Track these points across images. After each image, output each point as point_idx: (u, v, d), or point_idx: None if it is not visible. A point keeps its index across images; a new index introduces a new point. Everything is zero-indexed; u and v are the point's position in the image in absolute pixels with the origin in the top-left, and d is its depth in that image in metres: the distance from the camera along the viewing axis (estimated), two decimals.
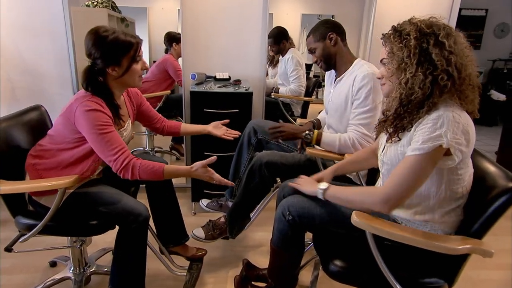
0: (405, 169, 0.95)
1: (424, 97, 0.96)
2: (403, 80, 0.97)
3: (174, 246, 1.62)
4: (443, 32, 0.95)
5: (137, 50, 1.28)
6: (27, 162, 1.33)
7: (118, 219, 1.30)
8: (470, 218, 1.04)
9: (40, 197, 1.31)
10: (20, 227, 1.33)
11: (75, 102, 1.22)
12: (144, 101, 1.58)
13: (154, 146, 2.96)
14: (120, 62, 1.26)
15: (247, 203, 1.70)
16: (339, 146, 1.53)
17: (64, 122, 1.26)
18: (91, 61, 1.27)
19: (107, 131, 1.22)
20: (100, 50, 1.23)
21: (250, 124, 1.84)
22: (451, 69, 0.94)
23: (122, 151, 1.24)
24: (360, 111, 1.51)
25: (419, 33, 0.96)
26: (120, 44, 1.24)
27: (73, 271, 1.59)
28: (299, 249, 1.25)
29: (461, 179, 1.02)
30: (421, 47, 0.95)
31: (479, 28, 5.96)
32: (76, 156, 1.30)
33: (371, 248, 1.01)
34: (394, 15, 2.51)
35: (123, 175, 1.25)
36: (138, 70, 1.31)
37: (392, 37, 1.01)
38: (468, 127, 0.95)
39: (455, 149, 0.93)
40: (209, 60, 2.45)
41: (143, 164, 1.25)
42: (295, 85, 2.57)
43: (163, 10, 2.81)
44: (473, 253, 0.96)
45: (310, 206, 1.17)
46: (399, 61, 0.98)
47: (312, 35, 1.63)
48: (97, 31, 1.24)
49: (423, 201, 1.05)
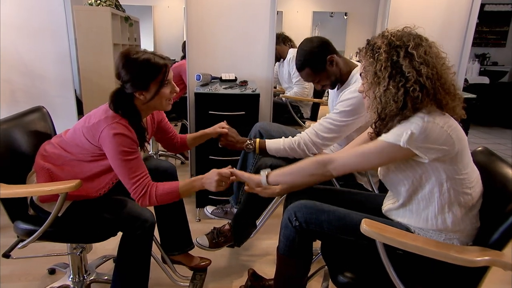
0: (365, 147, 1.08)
1: (398, 110, 1.01)
2: (378, 94, 1.04)
3: (178, 254, 1.63)
4: (412, 43, 1.00)
5: (166, 73, 1.29)
6: (38, 164, 1.34)
7: (123, 225, 1.32)
8: (489, 228, 1.02)
9: (46, 203, 1.32)
10: (19, 233, 1.35)
11: (104, 121, 1.24)
12: (164, 116, 1.60)
13: (158, 150, 3.00)
14: (148, 87, 1.28)
15: (252, 209, 1.70)
16: (286, 150, 1.56)
17: (87, 136, 1.28)
18: (120, 84, 1.30)
19: (131, 157, 1.25)
20: (129, 73, 1.26)
21: (256, 127, 1.84)
22: (422, 80, 0.98)
23: (142, 179, 1.27)
24: (329, 115, 1.55)
25: (389, 46, 1.02)
26: (149, 68, 1.26)
27: (72, 279, 1.61)
28: (307, 257, 1.25)
29: (467, 179, 1.03)
30: (392, 60, 1.01)
31: (504, 25, 5.87)
32: (94, 171, 1.32)
33: (382, 258, 1.00)
34: (410, 11, 2.50)
35: (141, 203, 1.29)
36: (167, 94, 1.32)
37: (365, 51, 1.07)
38: (451, 131, 0.98)
39: (420, 151, 0.98)
40: (214, 60, 2.46)
41: (159, 188, 1.29)
42: (298, 88, 2.58)
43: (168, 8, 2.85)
44: (492, 266, 0.94)
45: (318, 211, 1.17)
46: (373, 75, 1.04)
47: (307, 69, 1.58)
48: (128, 53, 1.26)
49: (430, 204, 1.06)
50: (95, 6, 2.66)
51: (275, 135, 1.75)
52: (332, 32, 3.06)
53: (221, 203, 2.03)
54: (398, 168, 1.09)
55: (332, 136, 1.54)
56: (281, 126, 1.87)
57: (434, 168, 1.02)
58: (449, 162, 1.01)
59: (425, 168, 1.03)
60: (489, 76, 5.35)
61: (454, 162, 1.01)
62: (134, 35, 3.09)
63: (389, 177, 1.14)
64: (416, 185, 1.08)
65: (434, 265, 1.01)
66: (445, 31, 2.56)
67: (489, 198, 1.08)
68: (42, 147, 1.40)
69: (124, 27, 2.91)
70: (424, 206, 1.08)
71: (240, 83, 2.32)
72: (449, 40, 2.59)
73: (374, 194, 1.43)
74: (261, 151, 1.61)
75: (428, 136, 0.97)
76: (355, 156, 1.11)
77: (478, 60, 5.63)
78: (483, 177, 1.11)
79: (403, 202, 1.13)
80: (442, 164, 1.01)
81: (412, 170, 1.06)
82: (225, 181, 1.32)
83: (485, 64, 5.86)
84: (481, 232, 1.06)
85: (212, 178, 1.31)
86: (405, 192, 1.10)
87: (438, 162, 1.01)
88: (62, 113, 2.37)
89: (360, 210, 1.20)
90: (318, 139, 1.55)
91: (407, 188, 1.09)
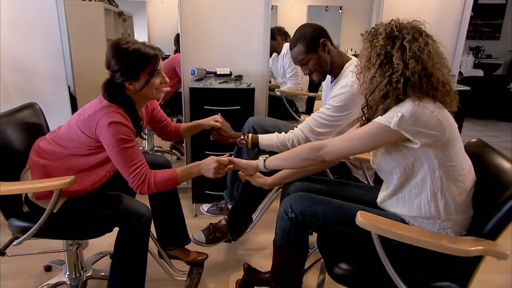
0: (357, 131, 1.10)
1: (380, 99, 1.05)
2: (366, 80, 1.08)
3: (175, 248, 1.63)
4: (409, 37, 1.02)
5: (156, 64, 1.29)
6: (32, 161, 1.34)
7: (119, 221, 1.31)
8: (483, 218, 1.03)
9: (42, 200, 1.31)
10: (13, 230, 1.34)
11: (100, 111, 1.24)
12: (156, 105, 1.61)
13: (153, 146, 2.99)
14: (138, 77, 1.28)
15: (248, 203, 1.70)
16: (278, 146, 1.56)
17: (82, 128, 1.27)
18: (110, 74, 1.30)
19: (129, 145, 1.25)
20: (119, 63, 1.25)
21: (249, 122, 1.83)
22: (408, 73, 1.00)
23: (140, 167, 1.27)
24: (321, 110, 1.55)
25: (387, 35, 1.04)
26: (139, 58, 1.26)
27: (68, 275, 1.60)
28: (303, 249, 1.26)
29: (458, 166, 1.05)
30: (386, 49, 1.04)
31: (499, 17, 5.89)
32: (91, 163, 1.32)
33: (377, 250, 1.00)
34: (405, 4, 2.50)
35: (140, 191, 1.29)
36: (157, 84, 1.32)
37: (367, 35, 1.10)
38: (441, 117, 1.00)
39: (410, 134, 0.99)
40: (209, 54, 2.45)
41: (157, 175, 1.29)
42: (292, 83, 2.58)
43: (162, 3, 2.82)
44: (486, 255, 0.95)
45: (314, 203, 1.18)
46: (366, 59, 1.08)
47: (300, 45, 1.54)
48: (118, 43, 1.26)
49: (422, 192, 1.08)
50: (87, 1, 2.62)
51: (269, 130, 1.74)
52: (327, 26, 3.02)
53: (217, 198, 2.03)
54: (390, 155, 1.10)
55: (326, 131, 1.55)
56: (276, 120, 1.86)
57: (426, 154, 1.03)
58: (440, 149, 1.02)
59: (417, 155, 1.05)
60: (483, 69, 5.38)
61: (445, 149, 1.02)
62: (128, 30, 3.06)
63: (381, 165, 1.16)
64: (408, 172, 1.09)
65: (428, 255, 1.02)
66: (439, 24, 2.56)
67: (483, 188, 1.09)
68: (36, 144, 1.39)
69: (117, 22, 2.88)
70: (417, 193, 1.09)
71: (235, 78, 2.31)
72: (443, 33, 2.59)
73: (371, 187, 1.44)
74: (253, 146, 1.61)
75: (418, 119, 0.98)
76: (347, 139, 1.13)
77: (472, 53, 5.65)
78: (477, 168, 1.12)
79: (395, 189, 1.14)
80: (434, 151, 1.02)
81: (404, 157, 1.07)
82: (223, 168, 1.34)
83: (479, 57, 5.88)
84: (475, 222, 1.07)
85: (210, 165, 1.32)
86: (397, 180, 1.12)
87: (429, 148, 1.02)
88: (55, 110, 2.35)
89: (357, 203, 1.21)
90: (313, 134, 1.55)
91: (399, 176, 1.11)
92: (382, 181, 1.29)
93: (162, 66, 1.33)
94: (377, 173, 1.26)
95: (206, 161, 1.34)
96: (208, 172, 1.33)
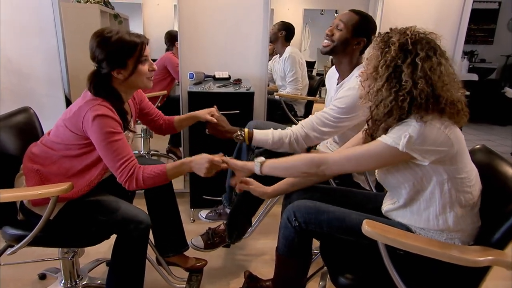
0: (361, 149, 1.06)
1: (384, 116, 1.02)
2: (372, 91, 1.04)
3: (173, 255, 1.61)
4: (422, 54, 0.97)
5: (142, 50, 1.27)
6: (26, 167, 1.31)
7: (118, 228, 1.28)
8: (490, 227, 1.02)
9: (37, 207, 1.27)
10: (7, 239, 1.31)
11: (85, 105, 1.21)
12: (144, 97, 1.58)
13: (150, 149, 2.95)
14: (125, 64, 1.26)
15: (247, 206, 1.67)
16: (272, 143, 1.54)
17: (70, 127, 1.25)
18: (96, 65, 1.27)
19: (116, 138, 1.22)
20: (104, 51, 1.23)
21: (250, 125, 1.81)
22: (415, 93, 0.96)
23: (128, 161, 1.24)
24: (326, 110, 1.53)
25: (400, 47, 0.99)
26: (125, 45, 1.24)
27: (64, 284, 1.57)
28: (306, 257, 1.24)
29: (467, 178, 1.03)
30: (396, 62, 0.99)
31: (492, 22, 5.95)
32: (84, 164, 1.29)
33: (384, 259, 0.98)
34: (402, 9, 2.50)
35: (128, 186, 1.25)
36: (145, 71, 1.30)
37: (380, 39, 1.04)
38: (448, 132, 0.98)
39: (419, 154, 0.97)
40: (207, 58, 2.43)
41: (146, 171, 1.25)
42: (291, 88, 2.57)
43: (158, 6, 2.80)
44: (495, 266, 0.94)
45: (318, 211, 1.16)
46: (373, 68, 1.03)
47: (357, 18, 1.50)
48: (102, 32, 1.24)
49: (431, 205, 1.06)
50: (83, 3, 2.59)
51: None
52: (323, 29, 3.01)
53: (216, 204, 2.01)
54: (398, 171, 1.08)
55: (328, 130, 1.52)
56: (276, 124, 1.84)
57: (435, 169, 1.01)
58: (449, 163, 1.00)
59: (426, 169, 1.02)
60: (478, 73, 5.42)
61: (454, 162, 1.00)
62: None
63: (389, 180, 1.13)
64: (417, 187, 1.07)
65: (435, 265, 1.01)
66: (437, 29, 2.54)
67: (489, 197, 1.08)
68: (29, 150, 1.36)
69: (113, 24, 2.85)
70: (425, 206, 1.07)
71: (234, 82, 2.29)
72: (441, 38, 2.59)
73: (374, 194, 1.42)
74: (250, 141, 1.57)
75: (426, 139, 0.96)
76: (350, 158, 1.08)
77: (466, 57, 5.70)
78: (482, 176, 1.11)
79: (404, 203, 1.12)
80: (443, 165, 1.00)
81: (412, 172, 1.05)
82: (215, 168, 1.30)
83: (473, 61, 5.94)
84: (482, 231, 1.06)
85: (203, 164, 1.27)
86: (406, 194, 1.09)
87: (438, 164, 1.00)
88: (50, 113, 2.30)
89: (360, 210, 1.19)
90: (315, 132, 1.52)
91: (408, 191, 1.08)
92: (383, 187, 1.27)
93: (149, 53, 1.31)
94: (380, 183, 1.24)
95: (198, 159, 1.29)
96: (200, 171, 1.28)
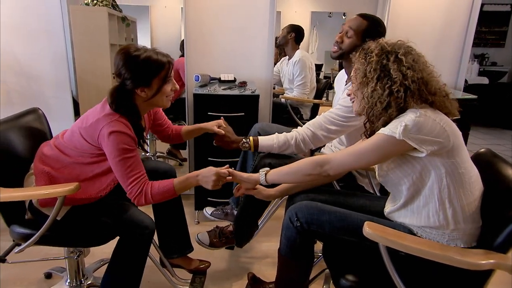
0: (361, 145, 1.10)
1: (383, 111, 1.08)
2: (366, 95, 1.11)
3: (177, 257, 1.62)
4: (402, 51, 1.08)
5: (169, 70, 1.29)
6: (37, 167, 1.33)
7: (122, 231, 1.30)
8: (493, 230, 1.01)
9: (45, 207, 1.30)
10: (15, 237, 1.33)
11: (102, 119, 1.23)
12: (158, 108, 1.59)
13: (156, 151, 2.98)
14: (150, 84, 1.27)
15: (254, 209, 1.68)
16: (279, 147, 1.55)
17: (85, 137, 1.27)
18: (120, 81, 1.28)
19: (130, 155, 1.24)
20: (130, 70, 1.24)
21: (256, 128, 1.83)
22: (407, 83, 1.05)
23: (139, 178, 1.26)
24: (332, 110, 1.54)
25: (381, 51, 1.09)
26: (152, 64, 1.25)
27: (69, 283, 1.59)
28: (309, 259, 1.25)
29: (465, 174, 1.04)
30: (382, 63, 1.08)
31: (503, 25, 5.89)
32: (95, 172, 1.31)
33: (385, 262, 0.99)
34: (409, 12, 2.50)
35: (137, 203, 1.27)
36: (168, 91, 1.32)
37: (358, 54, 1.15)
38: (444, 124, 1.02)
39: (415, 143, 1.00)
40: (213, 61, 2.45)
41: (154, 187, 1.27)
42: (298, 92, 2.57)
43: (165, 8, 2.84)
44: (498, 269, 0.93)
45: (320, 212, 1.17)
46: (362, 76, 1.11)
47: (366, 23, 1.53)
48: (128, 50, 1.25)
49: (430, 201, 1.07)
50: (91, 6, 2.64)
51: None
52: (331, 32, 3.05)
53: (221, 204, 2.01)
54: (397, 166, 1.10)
55: (336, 129, 1.53)
56: (281, 127, 1.85)
57: (433, 162, 1.03)
58: (446, 156, 1.02)
59: (424, 163, 1.04)
60: (488, 77, 5.37)
61: (452, 156, 1.02)
62: (131, 35, 3.07)
63: (389, 177, 1.14)
64: (416, 183, 1.08)
65: (437, 268, 1.01)
66: (445, 31, 2.56)
67: (492, 199, 1.07)
68: (40, 150, 1.38)
69: (121, 27, 2.89)
70: (425, 203, 1.09)
71: (239, 84, 2.31)
72: (449, 40, 2.59)
73: (377, 197, 1.42)
74: (256, 148, 1.59)
75: (422, 128, 1.00)
76: (352, 154, 1.12)
77: (477, 60, 5.65)
78: (485, 178, 1.11)
79: (405, 201, 1.13)
80: (440, 158, 1.02)
81: (411, 166, 1.07)
82: (222, 180, 1.32)
83: (484, 64, 5.88)
84: (485, 234, 1.06)
85: (210, 177, 1.29)
86: (406, 190, 1.10)
87: (435, 156, 1.02)
88: (58, 115, 2.35)
89: (363, 213, 1.20)
90: (322, 130, 1.53)
91: (408, 187, 1.10)
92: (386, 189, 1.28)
93: (173, 73, 1.33)
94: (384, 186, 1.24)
95: (205, 172, 1.31)
96: (207, 184, 1.30)
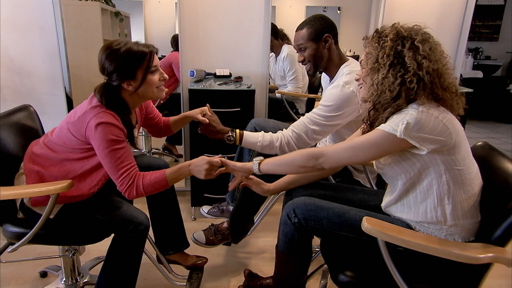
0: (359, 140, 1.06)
1: (391, 100, 1.03)
2: (375, 81, 1.05)
3: (174, 253, 1.61)
4: (419, 37, 1.02)
5: (150, 60, 1.27)
6: (27, 167, 1.31)
7: (116, 228, 1.29)
8: (491, 224, 1.01)
9: (37, 207, 1.28)
10: (8, 236, 1.32)
11: (89, 112, 1.21)
12: (149, 102, 1.58)
13: (151, 147, 2.96)
14: (134, 76, 1.26)
15: (250, 205, 1.68)
16: (262, 147, 1.52)
17: (73, 132, 1.25)
18: (106, 78, 1.27)
19: (119, 147, 1.22)
20: (113, 64, 1.23)
21: (252, 123, 1.82)
22: (421, 73, 0.99)
23: (129, 170, 1.24)
24: (314, 110, 1.52)
25: (396, 36, 1.03)
26: (133, 56, 1.24)
27: (65, 281, 1.58)
28: (306, 255, 1.24)
29: (465, 171, 1.03)
30: (396, 49, 1.02)
31: (497, 18, 5.89)
32: (85, 168, 1.29)
33: (384, 257, 0.98)
34: (405, 5, 2.49)
35: (128, 195, 1.25)
36: (155, 81, 1.29)
37: (372, 38, 1.09)
38: (447, 122, 0.99)
39: (417, 141, 0.97)
40: (208, 56, 2.43)
41: (146, 178, 1.25)
42: (292, 87, 2.56)
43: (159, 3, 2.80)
44: (496, 263, 0.93)
45: (318, 208, 1.16)
46: (374, 61, 1.05)
47: (305, 30, 1.54)
48: (110, 45, 1.24)
49: (428, 196, 1.06)
50: (84, 0, 2.60)
51: (271, 132, 1.72)
52: None
53: (217, 201, 2.01)
54: (395, 161, 1.08)
55: (320, 130, 1.50)
56: (277, 122, 1.84)
57: (432, 159, 1.02)
58: (447, 153, 1.00)
59: (423, 160, 1.03)
60: (483, 70, 5.38)
61: (452, 153, 1.01)
62: (125, 30, 3.04)
63: (386, 170, 1.14)
64: (414, 178, 1.07)
65: (436, 263, 1.00)
66: (440, 25, 2.55)
67: (490, 193, 1.07)
68: (30, 149, 1.36)
69: (114, 22, 2.86)
70: (422, 198, 1.07)
71: (235, 79, 2.29)
72: (444, 34, 2.58)
73: (375, 191, 1.42)
74: (240, 143, 1.56)
75: (424, 126, 0.97)
76: (348, 148, 1.09)
77: (471, 54, 5.66)
78: (484, 173, 1.11)
79: (400, 194, 1.12)
80: (440, 156, 1.01)
81: (410, 163, 1.05)
82: (214, 170, 1.30)
83: (478, 58, 5.89)
84: (483, 228, 1.05)
85: (202, 166, 1.28)
86: (402, 185, 1.10)
87: (436, 154, 1.01)
88: (51, 111, 2.32)
89: (361, 208, 1.19)
90: (307, 132, 1.51)
91: (404, 182, 1.09)
92: (385, 184, 1.27)
93: (158, 63, 1.31)
94: (381, 177, 1.24)
95: (197, 162, 1.29)
96: (199, 173, 1.29)
